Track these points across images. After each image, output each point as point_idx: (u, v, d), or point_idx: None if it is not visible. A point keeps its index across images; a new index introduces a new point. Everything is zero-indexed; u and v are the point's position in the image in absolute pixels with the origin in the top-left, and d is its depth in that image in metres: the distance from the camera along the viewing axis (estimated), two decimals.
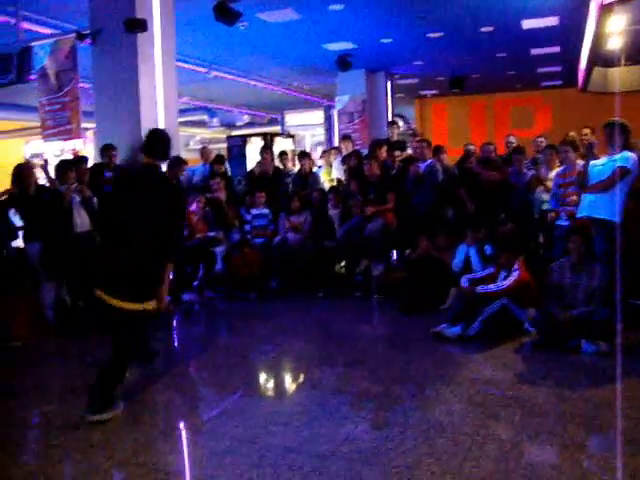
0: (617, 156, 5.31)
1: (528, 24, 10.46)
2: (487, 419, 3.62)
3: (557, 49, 12.43)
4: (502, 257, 5.53)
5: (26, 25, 8.28)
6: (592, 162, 5.56)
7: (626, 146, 5.39)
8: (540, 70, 14.82)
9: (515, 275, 5.29)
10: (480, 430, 3.47)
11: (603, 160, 5.53)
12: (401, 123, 17.84)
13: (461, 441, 3.32)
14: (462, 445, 3.27)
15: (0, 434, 3.68)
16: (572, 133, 9.05)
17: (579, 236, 5.08)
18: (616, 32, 8.64)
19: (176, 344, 6.17)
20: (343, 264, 7.71)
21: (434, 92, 17.79)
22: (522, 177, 7.30)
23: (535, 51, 12.63)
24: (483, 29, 10.73)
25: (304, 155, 9.08)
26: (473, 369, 4.65)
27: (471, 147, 8.97)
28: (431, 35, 11.01)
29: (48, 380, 4.88)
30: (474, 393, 4.08)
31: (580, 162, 6.07)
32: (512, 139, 9.27)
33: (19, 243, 6.61)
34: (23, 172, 6.09)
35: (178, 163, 7.24)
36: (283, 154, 9.67)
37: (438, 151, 8.31)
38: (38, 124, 8.28)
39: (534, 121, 16.75)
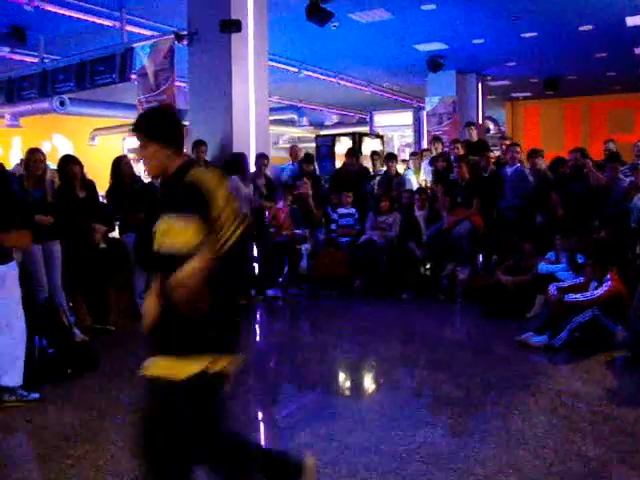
0: None
1: (633, 21, 9.94)
2: (572, 434, 3.49)
3: None
4: (594, 266, 5.30)
5: (129, 28, 8.71)
6: None
7: None
8: None
9: (607, 285, 5.05)
10: (564, 445, 3.34)
11: None
12: (492, 126, 17.46)
13: (543, 454, 3.21)
14: (544, 459, 3.16)
15: (93, 412, 3.90)
16: None
17: None
18: None
19: (258, 338, 6.31)
20: (428, 266, 7.63)
21: (527, 94, 17.25)
22: (618, 184, 6.96)
23: (639, 50, 12.00)
24: (582, 28, 10.32)
25: (391, 157, 9.06)
26: (559, 380, 4.49)
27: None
28: (525, 35, 10.71)
29: (137, 364, 5.10)
30: (559, 405, 3.94)
31: None
32: (611, 145, 8.81)
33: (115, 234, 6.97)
34: (120, 165, 6.39)
35: (261, 160, 7.56)
36: (375, 154, 9.71)
37: (534, 155, 8.05)
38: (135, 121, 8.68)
39: (635, 125, 15.94)
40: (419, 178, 9.21)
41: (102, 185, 6.55)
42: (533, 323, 5.45)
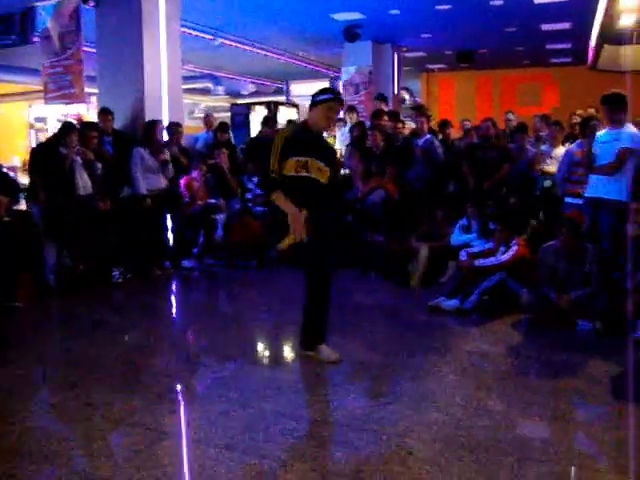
0: (621, 134, 5.28)
1: None
2: (479, 391, 3.66)
3: (568, 25, 12.23)
4: (502, 232, 5.53)
5: None
6: (597, 135, 5.53)
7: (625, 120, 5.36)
8: (549, 46, 14.60)
9: (513, 250, 5.30)
10: (472, 402, 3.50)
11: (605, 135, 5.48)
12: (407, 96, 17.73)
13: (452, 412, 3.36)
14: (453, 415, 3.31)
15: (2, 390, 3.74)
16: (579, 111, 8.98)
17: (569, 231, 5.01)
18: (629, 9, 8.51)
19: (174, 310, 6.22)
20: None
21: (442, 66, 17.60)
22: (525, 154, 7.26)
23: (545, 27, 12.43)
24: (493, 2, 10.56)
25: None
26: (468, 342, 4.69)
27: (467, 123, 8.97)
28: (440, 7, 10.85)
29: (46, 341, 4.93)
30: (468, 365, 4.12)
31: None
32: (511, 116, 9.15)
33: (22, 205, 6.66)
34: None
35: (175, 128, 7.34)
36: (290, 123, 9.65)
37: (444, 126, 8.27)
38: (41, 87, 8.24)
39: (541, 98, 16.60)
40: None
41: (5, 156, 6.22)
42: (445, 288, 5.64)
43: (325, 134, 10.13)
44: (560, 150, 6.73)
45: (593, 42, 10.94)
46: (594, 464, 2.86)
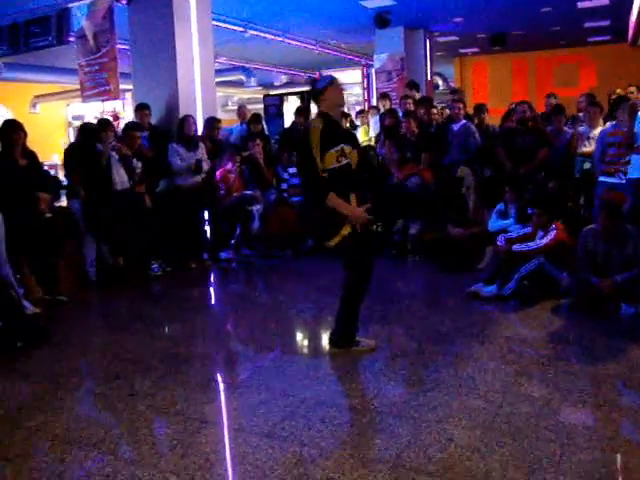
0: None
1: None
2: (520, 377, 3.63)
3: (606, 1, 11.89)
4: (540, 216, 5.43)
5: None
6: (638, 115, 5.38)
7: None
8: (587, 25, 14.21)
9: (552, 234, 5.20)
10: (512, 388, 3.47)
11: None
12: (440, 82, 17.52)
13: (492, 398, 3.33)
14: (493, 402, 3.28)
15: (47, 383, 3.85)
16: (618, 90, 8.75)
17: (608, 213, 4.87)
18: None
19: (213, 301, 6.30)
20: (380, 223, 7.67)
21: (475, 50, 17.30)
22: (562, 136, 7.10)
23: (582, 4, 12.09)
24: None
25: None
26: (508, 328, 4.64)
27: (514, 105, 8.77)
28: None
29: (89, 333, 5.05)
30: (508, 351, 4.08)
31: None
32: (552, 100, 8.93)
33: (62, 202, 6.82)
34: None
35: (213, 123, 7.39)
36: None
37: (479, 110, 8.14)
38: (78, 86, 8.39)
39: (579, 79, 16.20)
40: (367, 135, 9.20)
41: (45, 154, 6.36)
42: (483, 274, 5.57)
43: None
44: (599, 130, 6.58)
45: (634, 17, 10.60)
46: None
